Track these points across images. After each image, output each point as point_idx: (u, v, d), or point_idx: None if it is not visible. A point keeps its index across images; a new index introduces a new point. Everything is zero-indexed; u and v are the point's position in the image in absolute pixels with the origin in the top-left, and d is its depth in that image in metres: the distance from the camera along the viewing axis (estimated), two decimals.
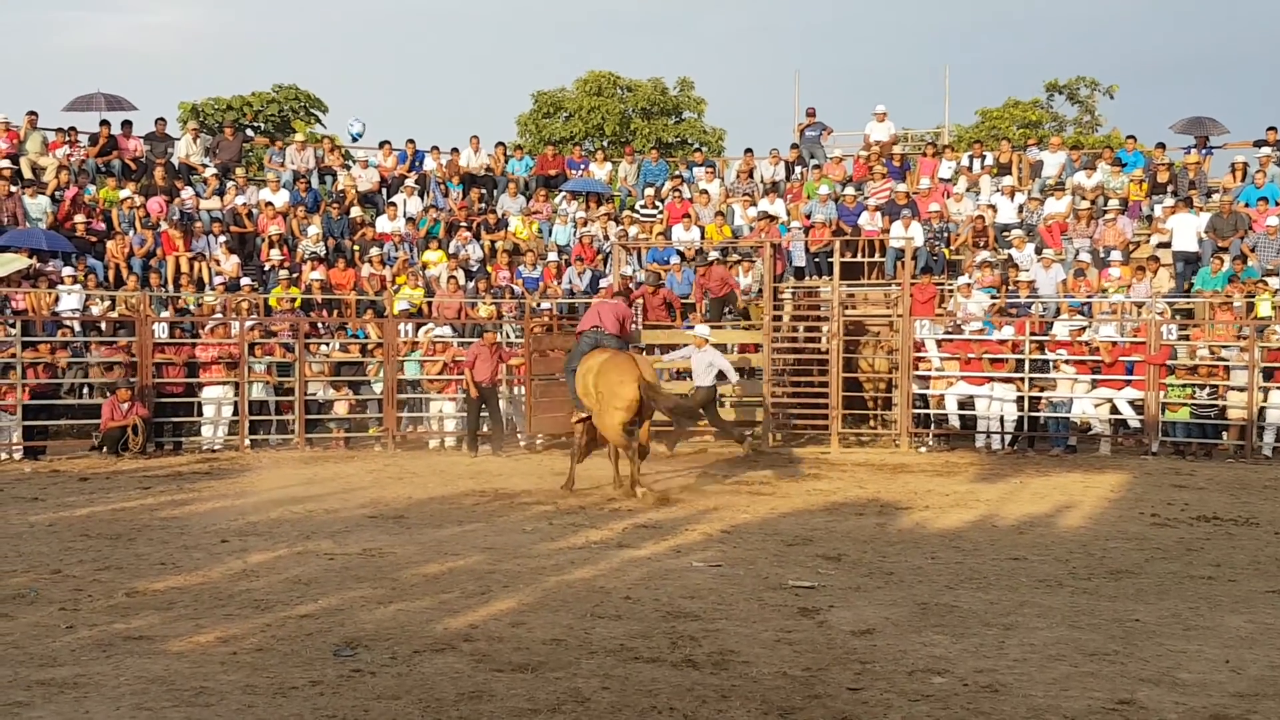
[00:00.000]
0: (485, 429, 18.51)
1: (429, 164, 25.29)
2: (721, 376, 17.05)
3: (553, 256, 22.73)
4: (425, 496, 13.56)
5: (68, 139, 23.31)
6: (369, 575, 9.13)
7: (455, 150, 25.48)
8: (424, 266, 22.23)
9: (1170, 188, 22.59)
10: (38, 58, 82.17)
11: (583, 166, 26.30)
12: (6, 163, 21.61)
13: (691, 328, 18.13)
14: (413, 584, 8.84)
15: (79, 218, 21.32)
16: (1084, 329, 18.60)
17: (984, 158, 24.78)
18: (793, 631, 7.58)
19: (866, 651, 7.14)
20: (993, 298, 19.94)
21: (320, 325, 20.21)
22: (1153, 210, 22.38)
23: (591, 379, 13.58)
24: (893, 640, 7.39)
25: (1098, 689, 6.44)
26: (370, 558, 9.82)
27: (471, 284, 21.81)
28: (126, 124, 24.18)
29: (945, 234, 22.23)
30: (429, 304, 21.06)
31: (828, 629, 7.66)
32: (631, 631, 7.51)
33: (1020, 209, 22.92)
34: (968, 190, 23.84)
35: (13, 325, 17.80)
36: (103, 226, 21.78)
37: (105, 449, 17.32)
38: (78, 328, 18.99)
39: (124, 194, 22.28)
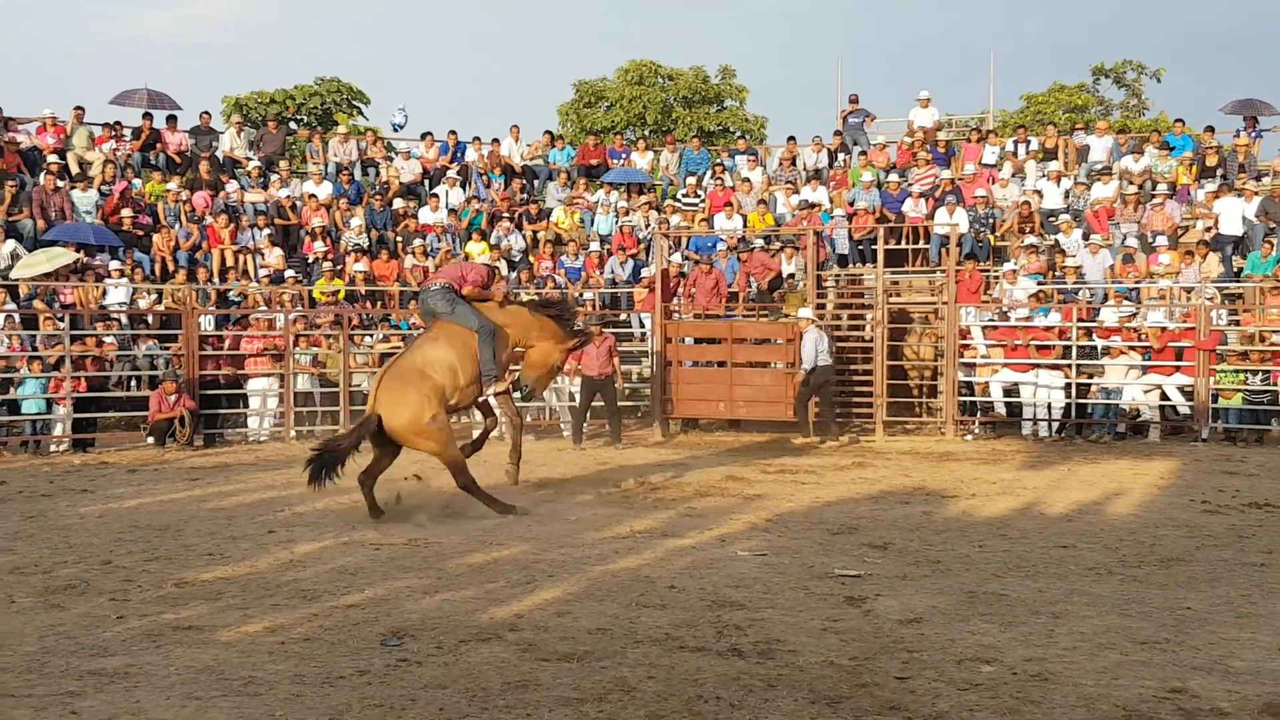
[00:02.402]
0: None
1: (471, 155, 25.35)
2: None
3: (595, 246, 22.72)
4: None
5: (114, 133, 23.53)
6: (414, 565, 9.16)
7: (496, 141, 25.52)
8: (466, 257, 22.27)
9: (1219, 171, 22.29)
10: (84, 51, 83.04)
11: (624, 156, 26.27)
12: (54, 157, 21.84)
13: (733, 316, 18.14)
14: (458, 574, 8.85)
15: (126, 212, 21.51)
16: (1133, 315, 18.39)
17: (1029, 143, 24.56)
18: (839, 620, 7.53)
19: (914, 640, 7.08)
20: (1039, 284, 19.76)
21: (364, 317, 20.30)
22: (1196, 195, 22.11)
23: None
24: (940, 629, 7.33)
25: (1149, 677, 6.35)
26: (415, 548, 9.84)
27: (514, 274, 21.85)
28: (171, 118, 24.40)
29: (990, 220, 22.04)
30: None
31: (874, 618, 7.61)
32: (677, 620, 7.49)
33: (1067, 194, 22.69)
34: (1013, 176, 23.63)
35: (61, 319, 18.00)
36: (149, 220, 21.97)
37: (153, 440, 17.49)
38: (125, 321, 19.17)
39: (170, 188, 22.46)
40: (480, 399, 12.15)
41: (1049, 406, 18.27)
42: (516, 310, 12.24)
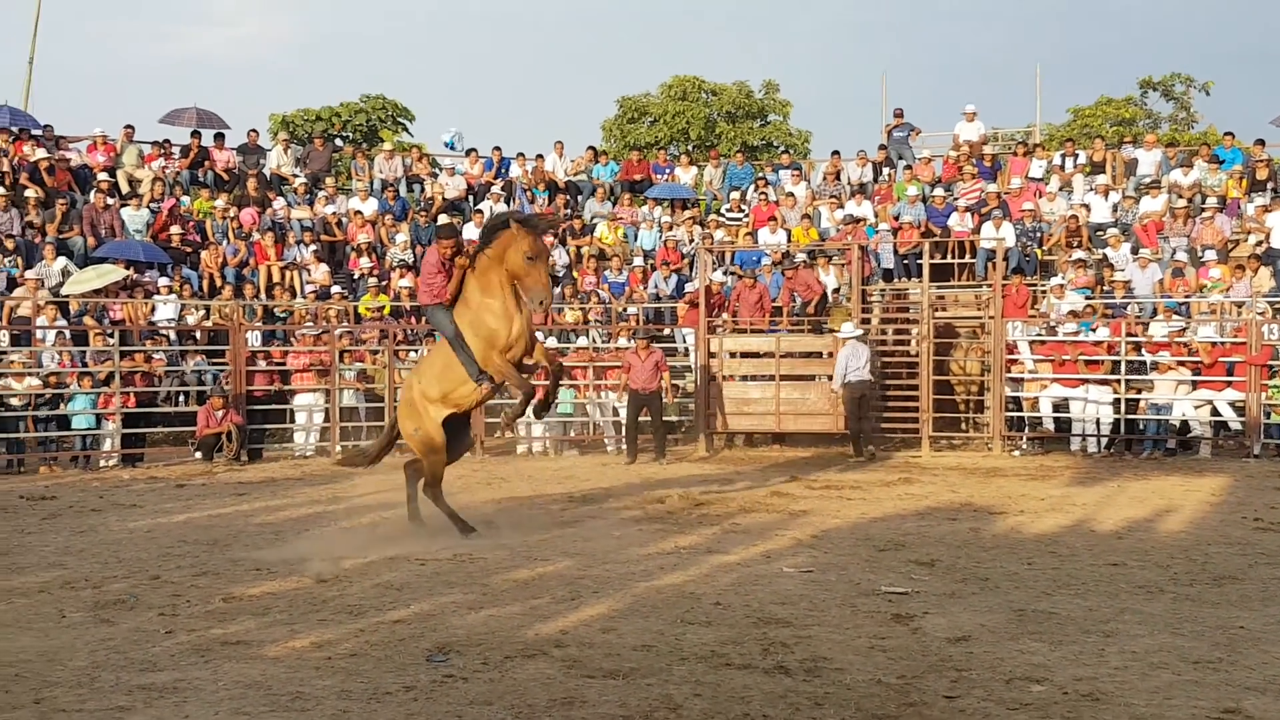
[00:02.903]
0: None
1: (515, 171, 25.46)
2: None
3: (638, 261, 22.73)
4: (514, 501, 13.61)
5: (163, 151, 23.82)
6: (459, 580, 9.16)
7: (540, 157, 25.61)
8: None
9: (1270, 184, 22.04)
10: (134, 71, 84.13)
11: (668, 171, 26.29)
12: (105, 175, 22.12)
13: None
14: (503, 589, 8.85)
15: (175, 229, 21.77)
16: (1182, 329, 18.19)
17: (1077, 156, 24.38)
18: (886, 638, 7.46)
19: (963, 659, 7.00)
20: (1087, 298, 19.58)
21: (408, 332, 20.40)
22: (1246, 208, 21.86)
23: None
24: (989, 647, 7.24)
25: (1202, 697, 6.24)
26: (460, 563, 9.85)
27: (558, 289, 21.89)
28: (219, 136, 24.68)
29: (1037, 234, 21.89)
30: None
31: (922, 636, 7.53)
32: (722, 638, 7.44)
33: (1115, 208, 22.50)
34: (1060, 189, 23.45)
35: (111, 335, 18.21)
36: (197, 237, 22.21)
37: (201, 455, 17.64)
38: (173, 337, 19.37)
39: (217, 205, 22.70)
40: (488, 398, 11.71)
41: (1098, 422, 18.09)
42: (484, 261, 11.06)
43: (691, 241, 22.98)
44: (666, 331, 21.21)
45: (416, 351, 19.83)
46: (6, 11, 77.19)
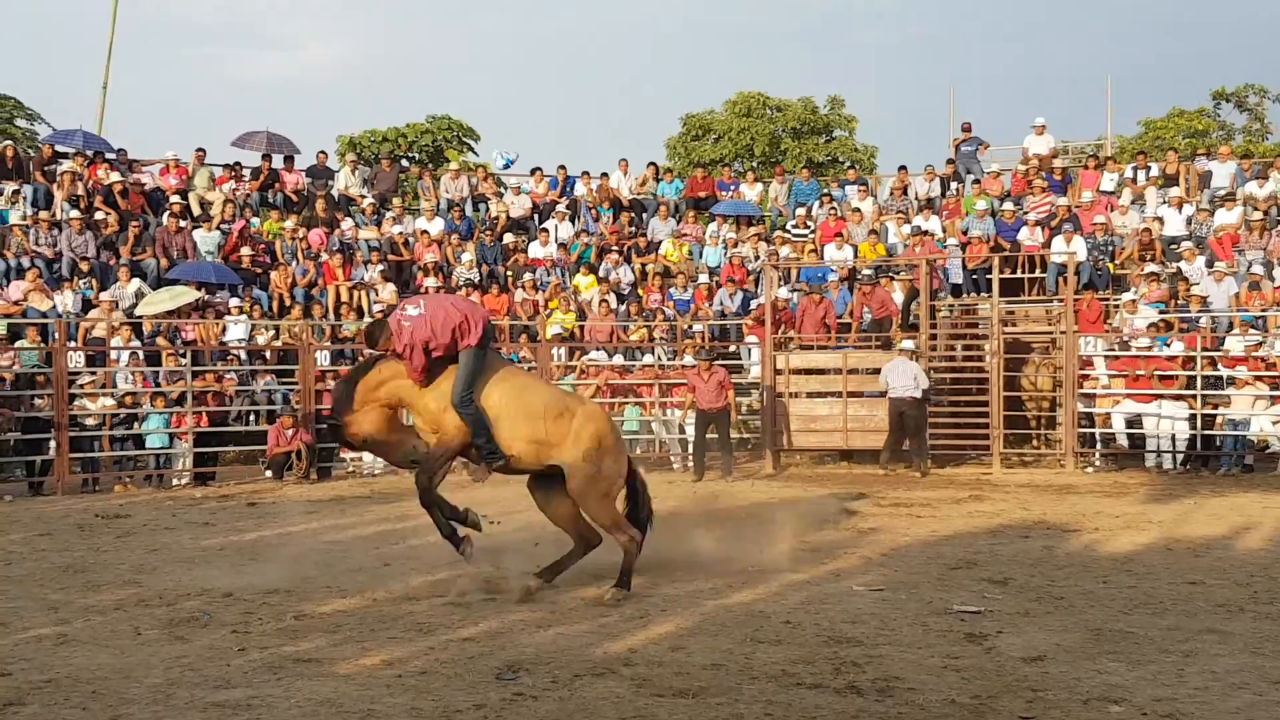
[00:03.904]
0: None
1: (580, 189, 25.55)
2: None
3: (704, 278, 22.70)
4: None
5: (233, 174, 24.17)
6: (528, 598, 9.15)
7: (605, 175, 25.69)
8: (575, 291, 22.41)
9: None
10: (205, 94, 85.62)
11: (733, 188, 26.26)
12: (177, 198, 22.48)
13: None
14: (571, 607, 8.84)
15: (245, 250, 22.07)
16: (1259, 343, 17.84)
17: (1149, 169, 24.02)
18: (960, 658, 7.35)
19: (1038, 679, 6.88)
20: (1161, 313, 19.27)
21: None
22: None
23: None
24: (1065, 667, 7.12)
25: None
26: (529, 580, 9.83)
27: (623, 307, 21.93)
28: (288, 158, 25.01)
29: (1109, 248, 21.59)
30: (581, 328, 21.21)
31: (996, 655, 7.42)
32: (793, 657, 7.37)
33: (1189, 221, 22.15)
34: (1132, 203, 23.12)
35: (183, 355, 18.47)
36: (267, 258, 22.49)
37: (271, 474, 17.83)
38: (244, 357, 19.61)
39: (287, 226, 22.99)
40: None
41: (1173, 438, 17.77)
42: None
43: (757, 258, 22.91)
44: (732, 348, 21.15)
45: None
46: (82, 38, 78.90)
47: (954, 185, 24.91)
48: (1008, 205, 23.08)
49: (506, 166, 27.14)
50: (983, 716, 6.20)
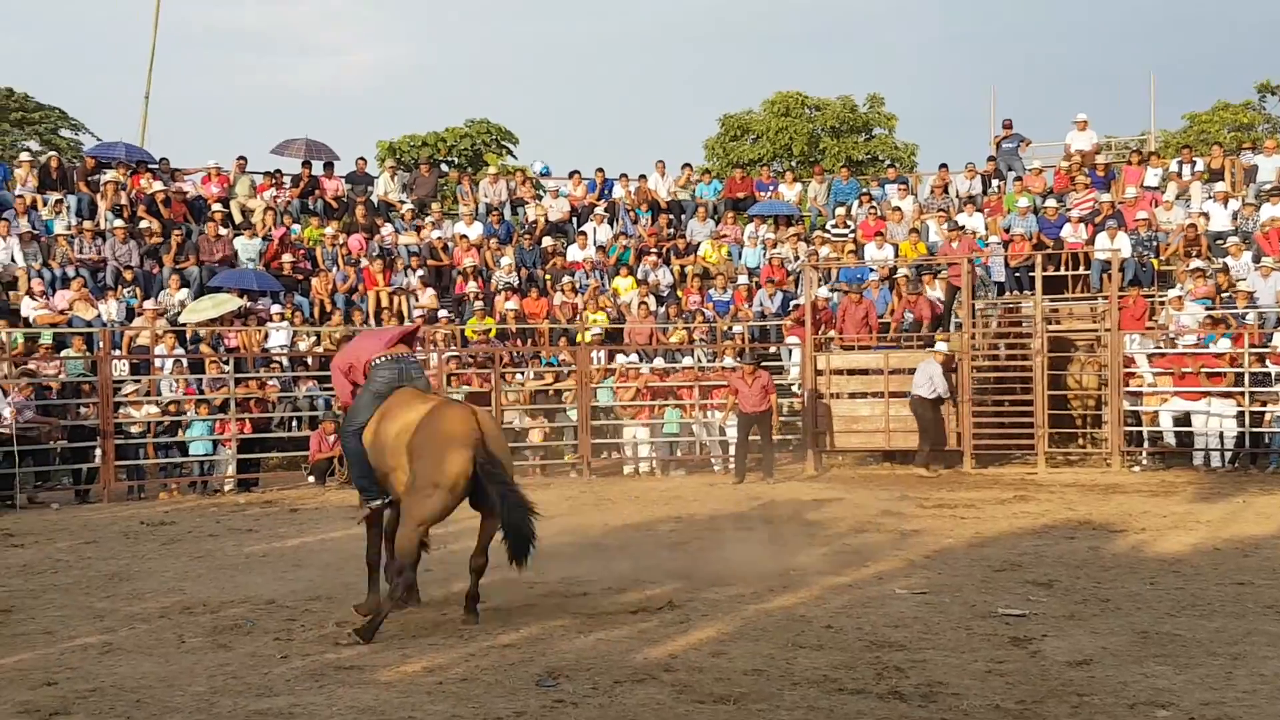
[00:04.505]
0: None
1: (618, 192, 25.54)
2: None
3: (743, 279, 22.63)
4: (621, 523, 13.57)
5: (274, 181, 24.34)
6: (569, 604, 9.14)
7: (643, 177, 25.67)
8: (615, 293, 22.40)
9: None
10: (245, 102, 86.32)
11: (771, 188, 26.17)
12: (219, 206, 22.66)
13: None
14: (611, 613, 8.81)
15: (286, 257, 22.21)
16: None
17: (1194, 163, 23.73)
18: (1004, 662, 7.28)
19: (1084, 683, 6.80)
20: (1207, 309, 19.03)
21: (514, 354, 20.54)
22: None
23: (404, 437, 8.49)
24: (1112, 671, 7.04)
25: None
26: (569, 586, 9.83)
27: (662, 309, 21.90)
28: (328, 165, 25.15)
29: (1154, 244, 21.34)
30: (619, 330, 21.18)
31: (1041, 659, 7.34)
32: (835, 662, 7.32)
33: (1235, 215, 21.84)
34: (1177, 198, 22.85)
35: (226, 362, 18.61)
36: (308, 265, 22.62)
37: (314, 479, 17.92)
38: (286, 363, 19.72)
39: (327, 232, 23.11)
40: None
41: (1221, 436, 17.54)
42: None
43: (796, 258, 22.81)
44: (772, 350, 21.08)
45: (522, 374, 19.93)
46: (125, 49, 79.73)
47: (995, 183, 24.71)
48: (1050, 202, 22.88)
49: (544, 174, 27.20)
50: None
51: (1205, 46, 79.83)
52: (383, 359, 9.06)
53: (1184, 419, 17.81)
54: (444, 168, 34.94)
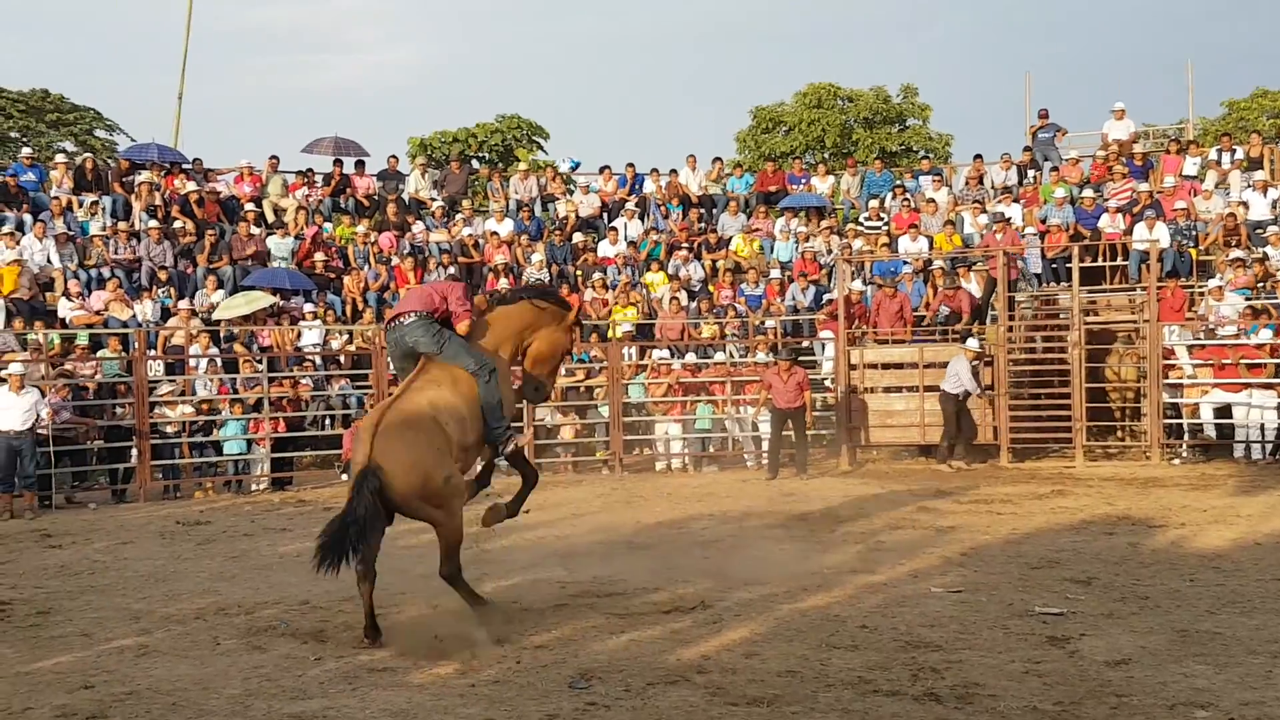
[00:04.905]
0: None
1: (649, 186, 25.46)
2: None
3: (775, 274, 22.52)
4: (654, 521, 13.52)
5: (306, 180, 24.40)
6: (601, 604, 9.09)
7: (674, 172, 25.59)
8: (646, 289, 22.33)
9: None
10: (277, 101, 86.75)
11: (804, 181, 26.02)
12: (251, 206, 22.76)
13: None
14: (644, 613, 8.76)
15: (318, 255, 22.26)
16: None
17: (1233, 152, 23.44)
18: (1041, 662, 7.20)
19: (1123, 683, 6.72)
20: (1247, 299, 18.79)
21: None
22: None
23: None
24: (1150, 671, 6.96)
25: None
26: (601, 585, 9.79)
27: (694, 304, 21.82)
28: (359, 163, 25.19)
29: (1193, 234, 21.11)
30: (648, 325, 21.12)
31: (1079, 659, 7.26)
32: (869, 662, 7.25)
33: (1275, 205, 21.56)
34: (1216, 187, 22.58)
35: (260, 361, 18.67)
36: (340, 263, 22.67)
37: (347, 477, 17.92)
38: (319, 362, 19.77)
39: (359, 230, 23.16)
40: (487, 462, 9.59)
41: (1262, 428, 17.31)
42: (504, 312, 9.57)
43: (829, 252, 22.68)
44: (805, 344, 20.98)
45: None
46: (158, 49, 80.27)
47: (1031, 173, 24.47)
48: (1087, 192, 22.66)
49: (575, 168, 27.15)
50: None
51: (1244, 33, 78.99)
52: (392, 324, 9.20)
53: (1224, 411, 17.59)
54: (475, 164, 34.94)
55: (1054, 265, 21.53)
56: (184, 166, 23.98)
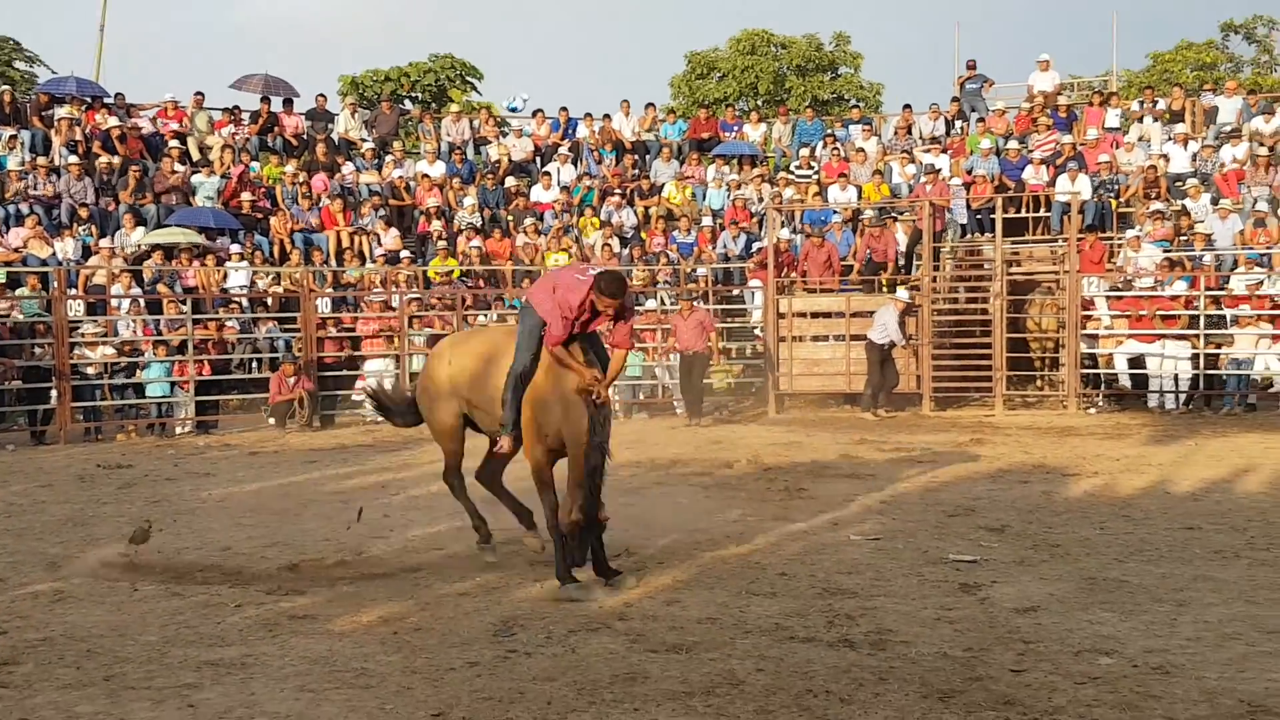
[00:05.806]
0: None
1: (582, 131, 25.34)
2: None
3: (707, 221, 22.56)
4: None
5: (232, 118, 23.98)
6: (523, 551, 9.13)
7: (607, 117, 25.48)
8: (579, 234, 22.28)
9: None
10: (203, 36, 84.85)
11: (736, 129, 26.02)
12: (175, 143, 22.34)
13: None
14: None
15: (245, 195, 21.93)
16: (1262, 282, 17.73)
17: (1155, 104, 23.77)
18: (953, 609, 7.36)
19: (1030, 630, 6.89)
20: (1165, 251, 19.15)
21: (478, 296, 20.44)
22: None
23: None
24: (1058, 618, 7.14)
25: (1277, 670, 6.11)
26: (524, 532, 9.82)
27: (626, 250, 21.81)
28: (288, 102, 24.80)
29: (1114, 186, 21.42)
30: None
31: (990, 606, 7.43)
32: (787, 610, 7.38)
33: (1194, 157, 21.93)
34: (1138, 140, 22.90)
35: (184, 303, 18.43)
36: (267, 203, 22.37)
37: (274, 421, 17.85)
38: (245, 304, 19.56)
39: (287, 170, 22.85)
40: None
41: (1175, 378, 17.72)
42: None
43: (760, 200, 22.75)
44: (735, 292, 21.07)
45: (485, 316, 19.85)
46: None
47: (958, 124, 24.67)
48: (1012, 144, 22.90)
49: (514, 111, 26.90)
50: (973, 670, 6.21)
51: None
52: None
53: (1139, 361, 17.97)
54: (407, 104, 34.51)
55: (979, 216, 21.77)
56: (105, 101, 23.47)
